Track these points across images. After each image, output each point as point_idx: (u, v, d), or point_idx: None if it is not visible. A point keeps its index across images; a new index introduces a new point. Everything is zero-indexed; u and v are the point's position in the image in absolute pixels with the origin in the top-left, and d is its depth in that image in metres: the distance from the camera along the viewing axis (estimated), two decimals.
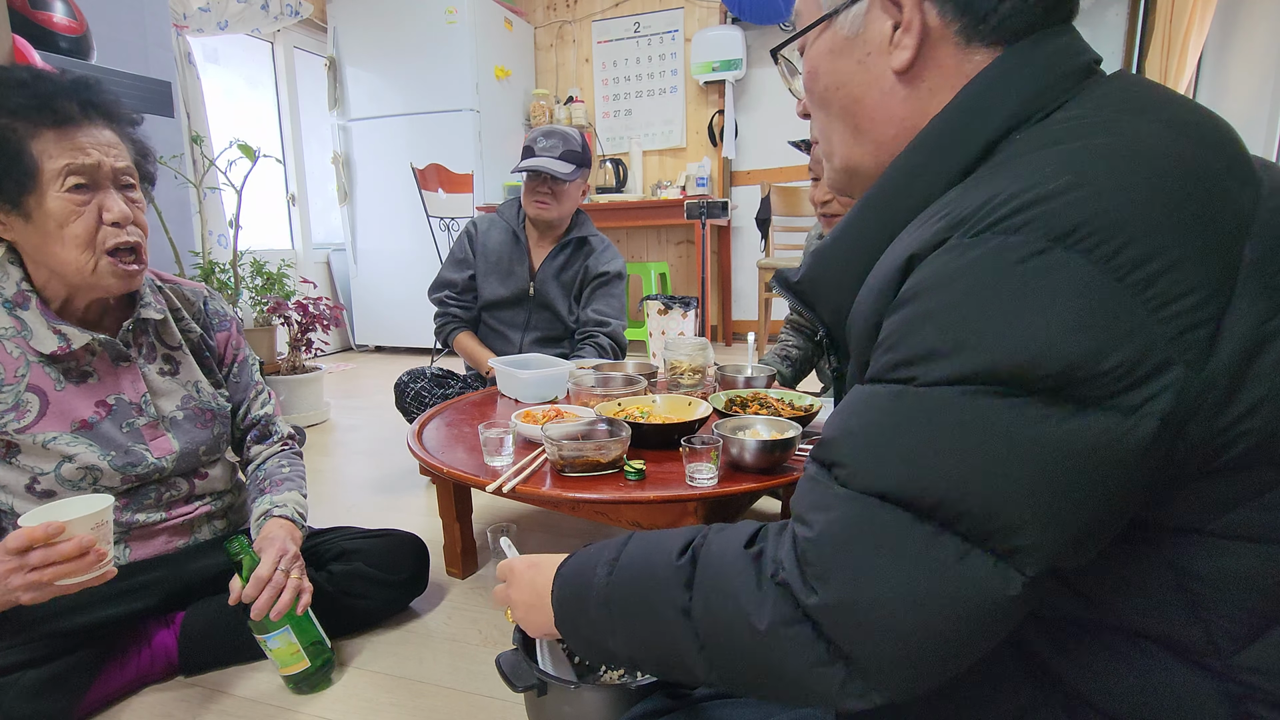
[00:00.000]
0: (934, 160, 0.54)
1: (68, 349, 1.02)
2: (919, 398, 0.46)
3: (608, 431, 1.20)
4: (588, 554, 0.66)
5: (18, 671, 0.97)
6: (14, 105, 0.93)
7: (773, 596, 0.49)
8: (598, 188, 4.56)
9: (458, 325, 2.13)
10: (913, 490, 0.45)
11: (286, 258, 3.48)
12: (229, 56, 3.88)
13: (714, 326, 4.56)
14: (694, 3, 4.42)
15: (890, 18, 0.56)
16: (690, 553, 0.56)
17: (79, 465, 1.03)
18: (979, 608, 0.44)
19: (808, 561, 0.48)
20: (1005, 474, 0.43)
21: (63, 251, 0.98)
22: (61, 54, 1.77)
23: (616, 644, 0.60)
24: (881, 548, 0.45)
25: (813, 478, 0.51)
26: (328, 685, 1.13)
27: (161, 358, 1.15)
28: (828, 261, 0.61)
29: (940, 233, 0.47)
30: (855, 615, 0.45)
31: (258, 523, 1.15)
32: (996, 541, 0.44)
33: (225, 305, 1.27)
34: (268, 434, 1.30)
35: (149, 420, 1.10)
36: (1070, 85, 0.52)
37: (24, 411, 1.00)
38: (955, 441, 0.44)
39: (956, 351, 0.44)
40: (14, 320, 1.01)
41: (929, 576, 0.44)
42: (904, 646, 0.45)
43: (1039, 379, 0.42)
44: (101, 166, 0.98)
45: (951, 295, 0.45)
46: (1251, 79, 3.14)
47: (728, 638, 0.51)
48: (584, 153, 2.02)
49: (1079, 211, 0.42)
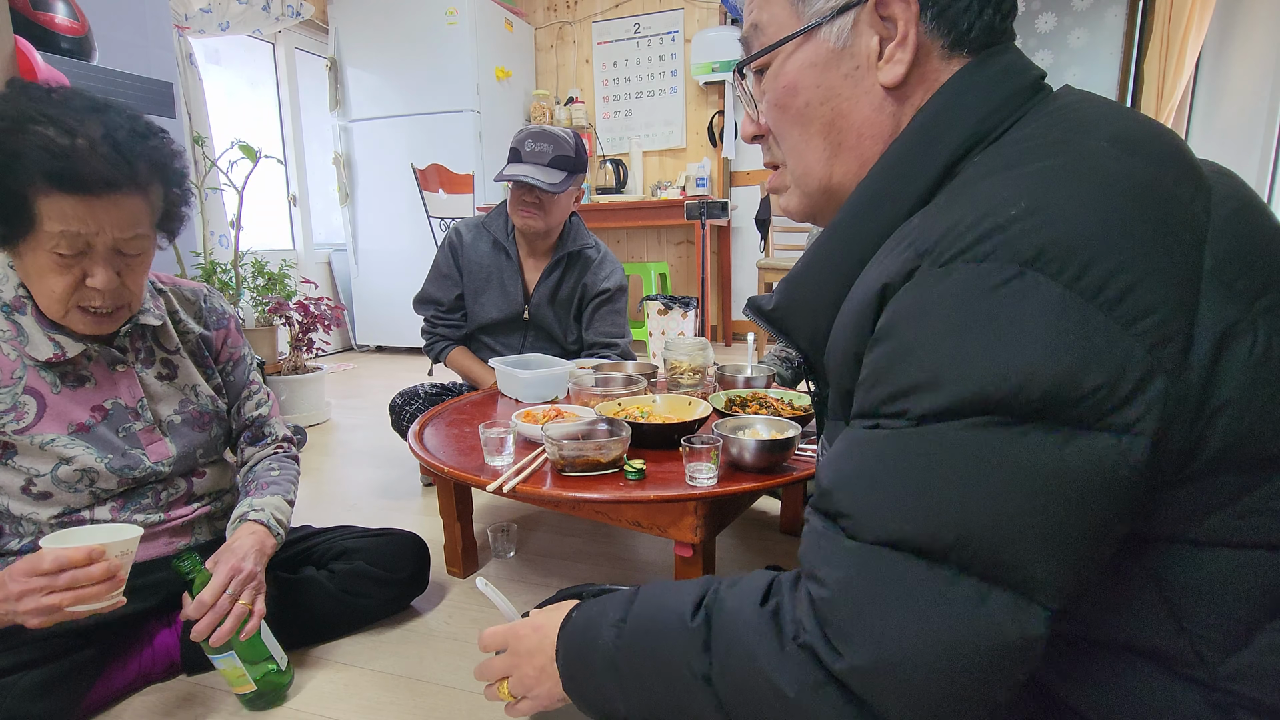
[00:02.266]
0: (896, 185, 0.54)
1: (63, 356, 1.02)
2: (910, 438, 0.45)
3: (608, 431, 1.21)
4: (591, 612, 0.64)
5: (19, 672, 0.97)
6: (45, 168, 0.88)
7: (796, 660, 0.47)
8: (598, 188, 4.57)
9: (448, 344, 2.01)
10: (922, 535, 0.44)
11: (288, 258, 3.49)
12: (230, 57, 3.89)
13: (714, 326, 4.56)
14: (694, 4, 4.42)
15: (877, 33, 0.55)
16: (704, 612, 0.54)
17: (76, 468, 1.03)
18: (1008, 648, 0.43)
19: (828, 622, 0.46)
20: (1008, 505, 0.43)
21: (40, 294, 0.97)
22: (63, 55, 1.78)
23: (627, 707, 0.58)
24: (901, 600, 0.44)
25: (818, 531, 0.50)
26: (281, 703, 1.10)
27: (159, 362, 1.14)
28: (800, 289, 0.61)
29: (908, 262, 0.47)
30: (885, 676, 0.44)
31: (232, 525, 1.12)
32: (1012, 576, 0.43)
33: (224, 303, 1.26)
34: (261, 436, 1.28)
35: (145, 425, 1.10)
36: (1021, 102, 0.53)
37: (22, 413, 1.00)
38: (954, 478, 0.44)
39: (940, 384, 0.44)
40: (11, 325, 1.01)
41: (954, 624, 0.43)
42: (940, 700, 0.44)
43: (1025, 404, 0.42)
44: (99, 238, 0.94)
45: (929, 327, 0.45)
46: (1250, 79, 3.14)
47: (754, 705, 0.49)
48: (577, 157, 1.84)
49: (1041, 235, 0.43)
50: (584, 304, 2.00)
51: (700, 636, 0.53)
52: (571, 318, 2.01)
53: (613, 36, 4.63)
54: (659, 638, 0.56)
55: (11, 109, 0.90)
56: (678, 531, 1.12)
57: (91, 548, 0.88)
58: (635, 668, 0.57)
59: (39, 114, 0.90)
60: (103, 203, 0.92)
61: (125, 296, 1.01)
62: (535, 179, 1.76)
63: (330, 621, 1.25)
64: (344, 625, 1.27)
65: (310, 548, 1.30)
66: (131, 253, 0.99)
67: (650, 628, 0.57)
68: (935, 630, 0.43)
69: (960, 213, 0.46)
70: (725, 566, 1.51)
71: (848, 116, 0.57)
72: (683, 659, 0.53)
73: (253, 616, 1.02)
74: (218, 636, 0.99)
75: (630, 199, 4.22)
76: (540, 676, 0.69)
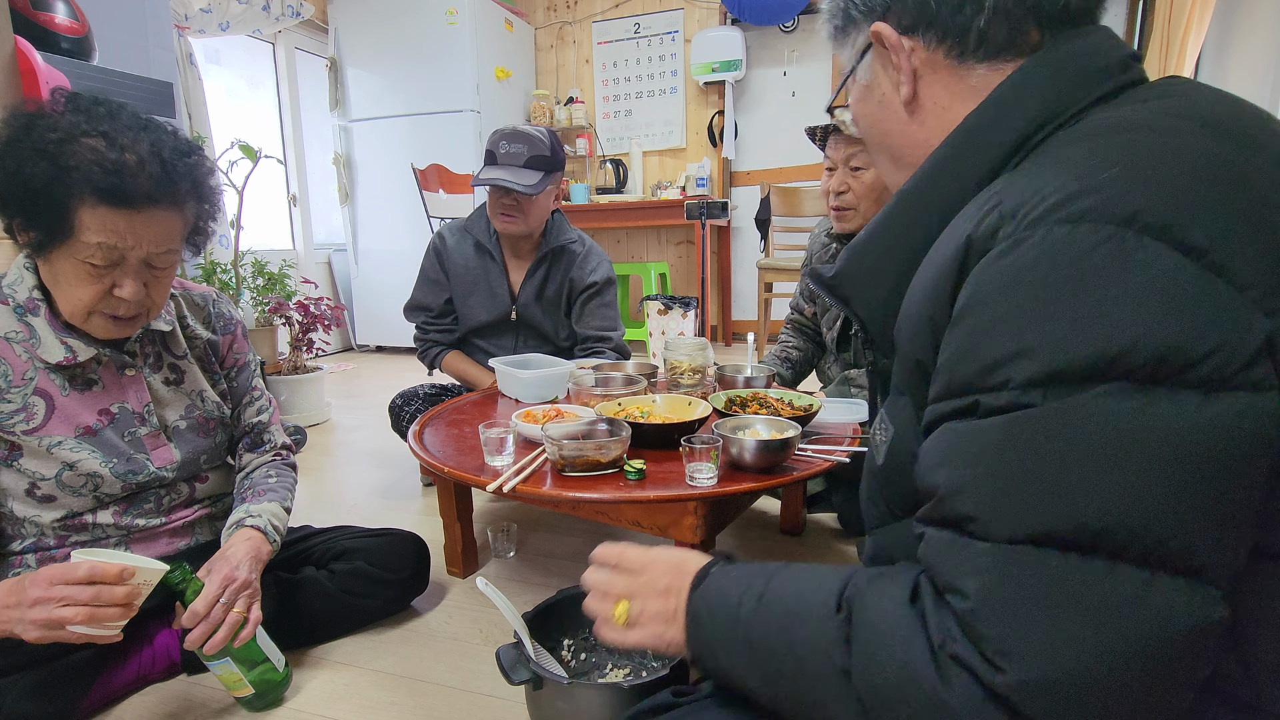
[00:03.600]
0: (963, 155, 0.56)
1: (74, 360, 1.02)
2: (1024, 417, 0.42)
3: (608, 431, 1.21)
4: (727, 578, 0.62)
5: (19, 672, 0.97)
6: (95, 182, 0.89)
7: (953, 671, 0.43)
8: (598, 188, 4.57)
9: (441, 349, 2.00)
10: (1064, 524, 0.40)
11: (288, 258, 3.49)
12: (230, 57, 3.89)
13: (714, 326, 4.56)
14: (694, 4, 4.42)
15: (883, 63, 0.62)
16: (845, 606, 0.51)
17: (80, 472, 1.03)
18: (1184, 640, 0.39)
19: (980, 636, 0.42)
20: (1154, 477, 0.39)
21: (64, 299, 0.98)
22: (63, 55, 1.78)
23: (754, 683, 0.56)
24: (1054, 601, 0.40)
25: (943, 543, 0.46)
26: (279, 704, 1.10)
27: (167, 367, 1.15)
28: (863, 256, 0.62)
29: (994, 222, 0.46)
30: (1053, 691, 0.40)
31: (228, 531, 1.12)
32: (1178, 560, 0.39)
33: (231, 309, 1.26)
34: (260, 442, 1.27)
35: (151, 430, 1.10)
36: (1101, 82, 0.53)
37: (32, 413, 1.00)
38: (1086, 454, 0.40)
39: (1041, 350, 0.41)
40: (23, 326, 1.01)
41: (1119, 621, 0.39)
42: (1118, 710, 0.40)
43: (1142, 368, 0.40)
44: (134, 252, 0.95)
45: (1022, 293, 0.43)
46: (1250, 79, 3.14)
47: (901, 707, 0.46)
48: (554, 155, 1.81)
49: (1138, 197, 0.42)
50: (572, 299, 1.97)
51: (842, 630, 0.50)
52: (561, 314, 1.99)
53: (613, 36, 4.63)
54: (798, 622, 0.53)
55: (62, 121, 0.91)
56: (678, 531, 1.12)
57: (124, 566, 0.89)
58: (769, 647, 0.55)
59: (91, 128, 0.91)
60: (143, 217, 0.93)
61: (148, 305, 1.02)
62: (512, 182, 1.74)
63: (330, 621, 1.25)
64: (344, 625, 1.27)
65: (310, 548, 1.30)
66: (161, 266, 1.00)
67: (789, 610, 0.54)
68: (1099, 631, 0.39)
69: (1048, 175, 0.46)
70: None
71: (889, 135, 0.65)
72: (822, 649, 0.50)
73: (248, 624, 1.02)
74: (211, 645, 0.98)
75: (630, 199, 4.22)
76: (664, 620, 0.66)
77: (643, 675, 0.94)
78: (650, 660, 1.11)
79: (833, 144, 1.55)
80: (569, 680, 0.92)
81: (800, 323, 1.91)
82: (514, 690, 1.08)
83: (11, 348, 1.00)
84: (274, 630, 1.09)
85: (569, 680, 0.92)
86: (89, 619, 0.86)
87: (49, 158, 0.88)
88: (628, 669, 1.11)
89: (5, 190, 0.90)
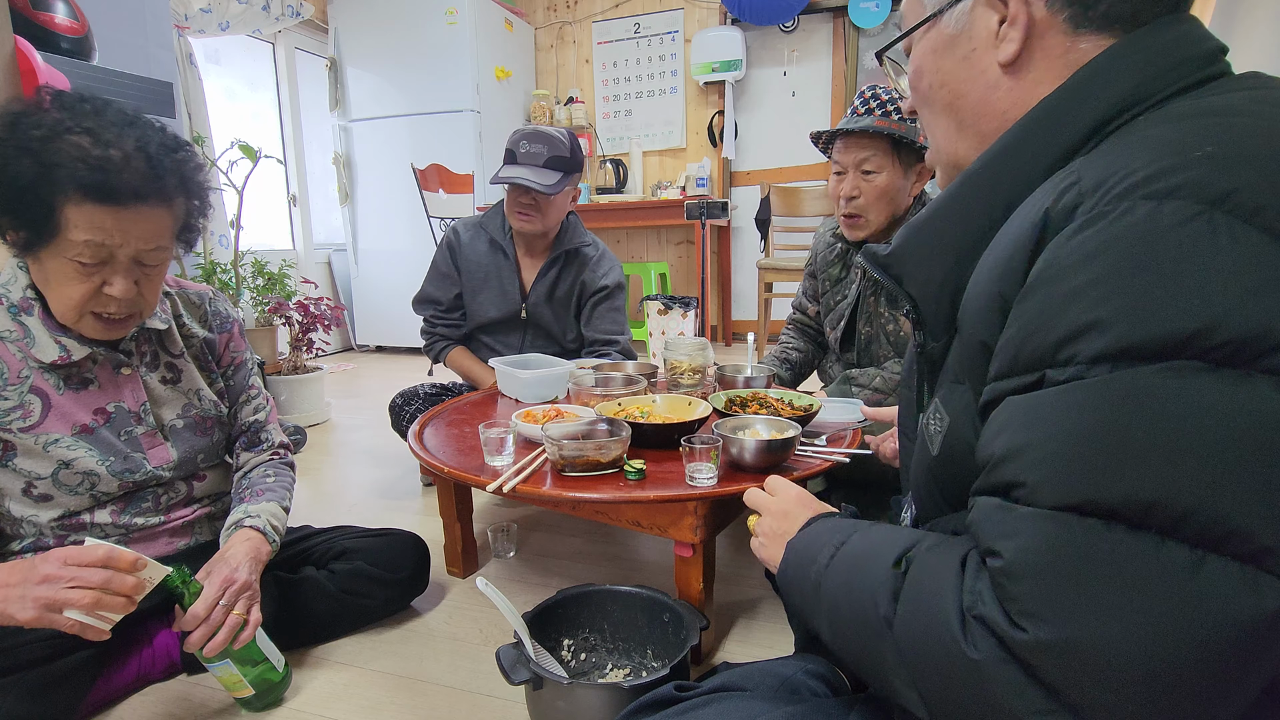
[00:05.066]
0: (1038, 138, 0.54)
1: (68, 359, 1.02)
2: (1088, 387, 0.41)
3: (608, 431, 1.21)
4: (820, 529, 0.66)
5: (20, 672, 0.97)
6: (79, 179, 0.88)
7: (977, 630, 0.44)
8: (598, 188, 4.57)
9: (448, 344, 2.01)
10: (1115, 494, 0.39)
11: (288, 258, 3.49)
12: (230, 57, 3.89)
13: (714, 326, 4.56)
14: (694, 3, 4.42)
15: (996, 12, 0.56)
16: (905, 563, 0.52)
17: (77, 470, 1.03)
18: (1230, 630, 0.37)
19: (1008, 596, 0.42)
20: (1217, 456, 0.38)
21: (54, 300, 0.98)
22: (63, 55, 1.78)
23: (822, 627, 0.59)
24: (1092, 569, 0.39)
25: (990, 508, 0.46)
26: (279, 705, 1.10)
27: (164, 365, 1.14)
28: (920, 234, 0.61)
29: (1073, 198, 0.45)
30: (1076, 656, 0.39)
31: (227, 532, 1.11)
32: (1236, 544, 0.38)
33: (229, 307, 1.26)
34: (257, 441, 1.27)
35: (148, 429, 1.10)
36: (1189, 71, 0.51)
37: (29, 410, 1.00)
38: (1147, 427, 0.39)
39: (1116, 325, 0.40)
40: (17, 325, 1.01)
41: (1159, 597, 0.38)
42: (1144, 690, 0.38)
43: (1217, 346, 0.39)
44: (123, 249, 0.94)
45: (1100, 268, 0.42)
46: None
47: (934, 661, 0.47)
48: (573, 157, 1.82)
49: (1230, 178, 0.41)
50: (582, 302, 1.99)
51: (894, 584, 0.51)
52: (571, 315, 2.00)
53: (613, 36, 4.63)
54: (860, 575, 0.55)
55: (46, 118, 0.90)
56: (678, 531, 1.12)
57: (138, 556, 0.90)
58: (835, 596, 0.57)
59: (75, 125, 0.90)
60: (130, 214, 0.93)
61: (140, 304, 1.01)
62: (531, 181, 1.75)
63: (330, 621, 1.25)
64: (344, 625, 1.27)
65: (310, 548, 1.30)
66: (151, 264, 0.99)
67: (855, 563, 0.57)
68: (1136, 604, 0.38)
69: (1133, 154, 0.44)
70: (725, 566, 1.51)
71: (965, 97, 0.60)
72: (872, 600, 0.52)
73: (248, 626, 1.01)
74: (211, 648, 0.98)
75: (630, 199, 4.22)
76: (774, 537, 0.73)
77: (643, 675, 0.94)
78: (650, 660, 1.11)
79: (841, 148, 1.54)
80: (569, 680, 0.92)
81: (803, 323, 1.91)
82: (514, 690, 1.08)
83: (6, 347, 1.00)
84: (274, 630, 1.09)
85: (569, 680, 0.92)
86: (93, 605, 0.86)
87: (33, 155, 0.88)
88: (628, 669, 1.11)
89: (4, 190, 0.90)
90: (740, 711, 0.68)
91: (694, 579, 1.16)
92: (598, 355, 1.94)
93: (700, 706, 0.71)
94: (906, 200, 1.55)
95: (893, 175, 1.50)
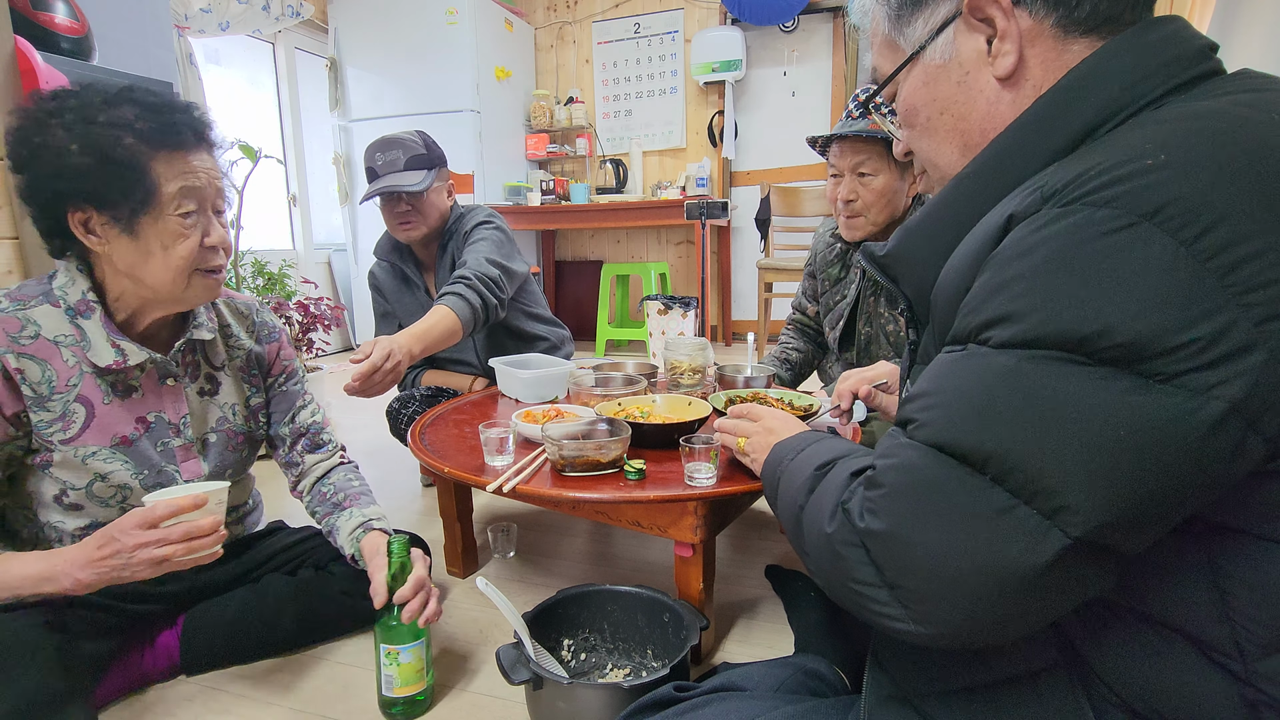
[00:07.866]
0: (1029, 140, 0.55)
1: (123, 364, 1.02)
2: (985, 359, 0.48)
3: (608, 431, 1.21)
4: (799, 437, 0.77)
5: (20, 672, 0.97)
6: (142, 129, 0.95)
7: (839, 516, 0.55)
8: (598, 188, 4.57)
9: (418, 370, 2.02)
10: (968, 444, 0.47)
11: (288, 258, 3.49)
12: (230, 57, 3.89)
13: (714, 326, 4.56)
14: (694, 3, 4.42)
15: (980, 33, 0.58)
16: (827, 468, 0.64)
17: (112, 484, 1.03)
18: (1017, 562, 0.45)
19: (866, 497, 0.53)
20: (1060, 436, 0.44)
21: (163, 270, 0.99)
22: (63, 55, 1.78)
23: (778, 510, 0.71)
24: (931, 493, 0.48)
25: (889, 435, 0.55)
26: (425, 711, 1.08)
27: (203, 377, 1.15)
28: (915, 236, 0.63)
29: (1035, 203, 0.48)
30: (897, 548, 0.49)
31: (354, 535, 1.15)
32: (1043, 501, 0.45)
33: (273, 317, 1.27)
34: (320, 443, 1.29)
35: (184, 442, 1.10)
36: (1179, 70, 0.52)
37: (70, 422, 1.00)
38: (1012, 399, 0.46)
39: (1026, 317, 0.46)
40: (74, 329, 1.00)
41: (971, 525, 0.46)
42: (946, 590, 0.47)
43: (1105, 350, 0.43)
44: (208, 190, 1.01)
45: (1030, 263, 0.46)
46: None
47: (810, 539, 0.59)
48: (430, 152, 1.80)
49: (1169, 189, 0.43)
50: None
51: (812, 482, 0.63)
52: None
53: (613, 36, 4.63)
54: (798, 473, 0.67)
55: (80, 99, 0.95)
56: (678, 531, 1.12)
57: (196, 495, 0.93)
58: (784, 486, 0.69)
59: (104, 97, 0.96)
60: (198, 155, 1.00)
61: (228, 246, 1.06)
62: (398, 186, 1.74)
63: (330, 621, 1.25)
64: (344, 625, 1.27)
65: (311, 548, 1.30)
66: (221, 209, 1.05)
67: (801, 463, 0.68)
68: (952, 526, 0.47)
69: (1098, 158, 0.47)
70: (725, 566, 1.51)
71: (968, 118, 0.62)
72: (798, 491, 0.64)
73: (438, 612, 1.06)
74: (427, 615, 1.02)
75: (630, 199, 4.22)
76: (762, 449, 0.85)
77: (643, 675, 0.95)
78: (650, 660, 1.11)
79: (837, 151, 1.54)
80: (569, 680, 0.92)
81: (802, 323, 1.91)
82: (514, 690, 1.08)
83: (59, 351, 1.00)
84: (274, 631, 1.09)
85: (569, 680, 0.92)
86: (187, 552, 0.91)
87: (108, 128, 0.93)
88: (628, 669, 1.11)
89: (91, 173, 0.92)
90: (740, 711, 0.69)
91: (694, 579, 1.16)
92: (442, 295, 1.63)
93: (700, 707, 0.71)
94: (904, 201, 1.55)
95: (889, 177, 1.50)
